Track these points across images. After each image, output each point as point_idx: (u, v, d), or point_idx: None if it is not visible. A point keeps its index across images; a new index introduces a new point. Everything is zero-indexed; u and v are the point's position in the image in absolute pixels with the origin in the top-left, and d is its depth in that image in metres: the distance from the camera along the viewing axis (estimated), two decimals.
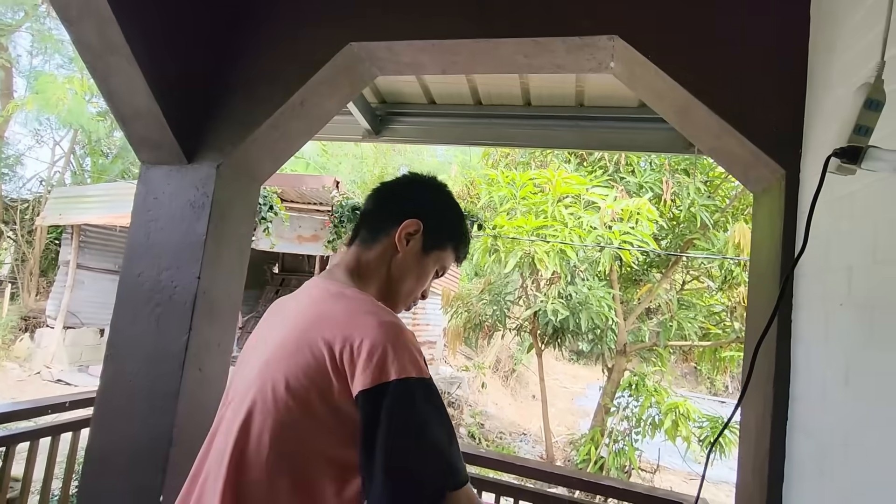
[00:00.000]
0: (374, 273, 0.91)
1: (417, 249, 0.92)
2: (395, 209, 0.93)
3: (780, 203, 1.22)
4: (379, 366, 0.70)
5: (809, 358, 1.10)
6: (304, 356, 0.74)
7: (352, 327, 0.74)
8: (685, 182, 4.88)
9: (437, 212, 0.95)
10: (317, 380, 0.73)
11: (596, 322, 5.19)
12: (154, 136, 1.61)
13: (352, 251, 0.94)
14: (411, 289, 0.94)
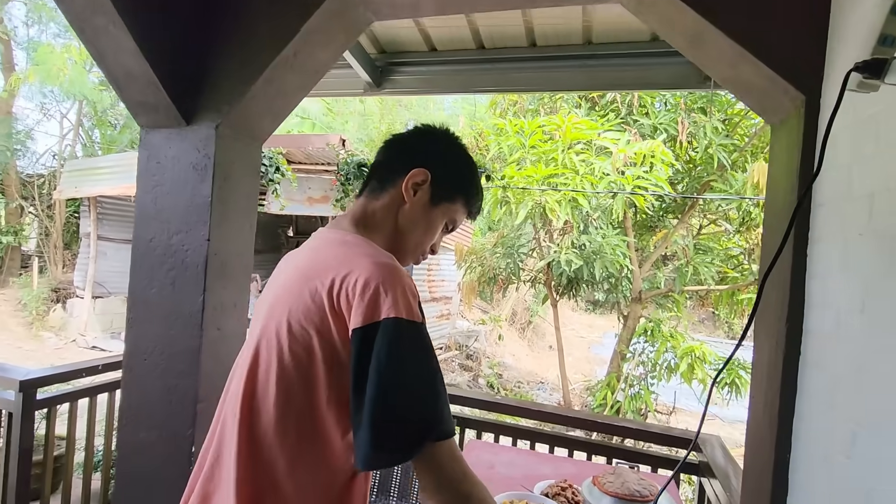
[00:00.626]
0: (380, 223, 0.89)
1: (425, 201, 0.90)
2: (404, 159, 0.91)
3: (799, 132, 1.16)
4: (371, 305, 0.70)
5: (825, 291, 1.08)
6: (303, 301, 0.75)
7: (347, 268, 0.74)
8: (702, 121, 4.68)
9: (447, 163, 0.93)
10: (317, 323, 0.74)
11: (610, 271, 5.16)
12: (150, 99, 1.58)
13: (359, 202, 0.93)
14: (419, 241, 0.93)
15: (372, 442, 0.68)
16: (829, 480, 1.01)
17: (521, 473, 1.77)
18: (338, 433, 0.76)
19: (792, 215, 0.74)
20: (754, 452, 1.30)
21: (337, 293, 0.73)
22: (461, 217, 0.97)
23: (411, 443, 0.69)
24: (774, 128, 1.39)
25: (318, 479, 0.76)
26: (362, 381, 0.69)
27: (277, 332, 0.76)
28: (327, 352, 0.74)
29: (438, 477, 0.71)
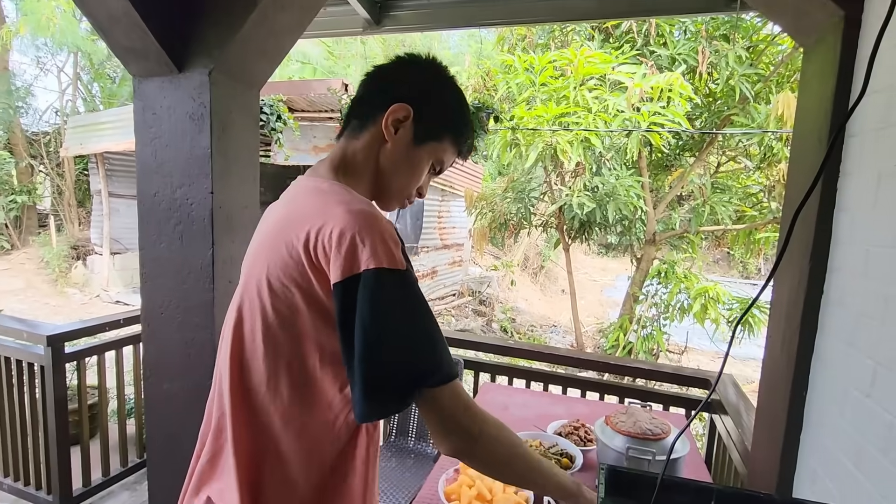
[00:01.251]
0: (361, 166, 0.82)
1: (408, 139, 0.81)
2: (384, 94, 0.81)
3: (835, 54, 1.06)
4: (348, 256, 0.66)
5: (853, 226, 1.03)
6: (281, 256, 0.71)
7: (322, 219, 0.69)
8: (724, 50, 4.38)
9: (432, 97, 0.83)
10: (297, 278, 0.70)
11: (624, 213, 5.06)
12: (137, 45, 1.50)
13: (339, 144, 0.85)
14: (404, 184, 0.85)
15: (364, 395, 0.66)
16: (846, 417, 1.00)
17: (534, 414, 1.81)
18: (335, 389, 0.74)
19: (830, 144, 0.68)
20: (770, 390, 1.29)
21: (314, 246, 0.68)
22: (450, 157, 0.87)
23: (403, 393, 0.68)
24: (807, 50, 1.28)
25: (317, 437, 0.75)
26: (349, 335, 0.67)
27: (259, 289, 0.73)
28: (313, 308, 0.71)
29: (443, 421, 0.70)
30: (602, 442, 1.27)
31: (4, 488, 2.35)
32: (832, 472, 1.03)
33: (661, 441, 1.22)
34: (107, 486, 2.46)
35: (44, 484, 2.26)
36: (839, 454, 1.01)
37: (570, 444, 1.43)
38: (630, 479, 0.71)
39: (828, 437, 1.06)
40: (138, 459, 2.63)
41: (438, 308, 9.01)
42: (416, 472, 2.01)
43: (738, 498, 0.68)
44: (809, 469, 1.12)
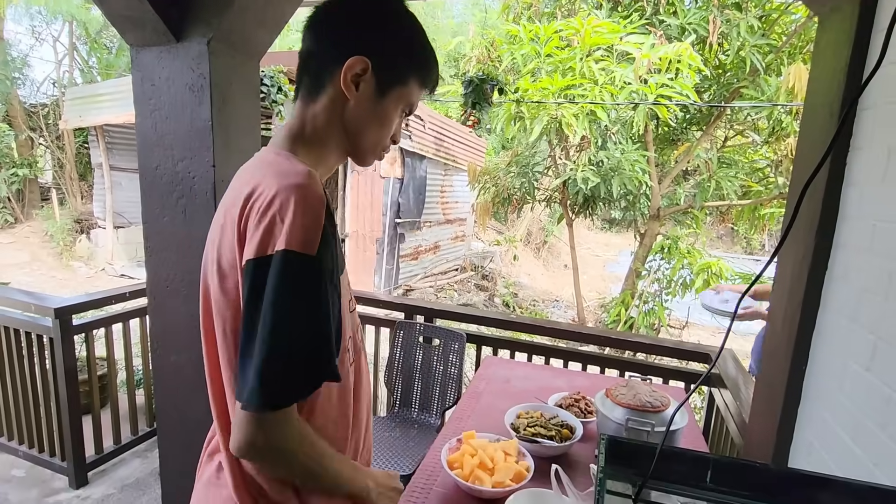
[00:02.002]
0: (325, 132, 0.76)
1: (371, 92, 0.75)
2: (337, 47, 0.73)
3: (852, 22, 1.02)
4: (265, 234, 0.63)
5: (861, 202, 1.01)
6: (227, 233, 0.69)
7: (257, 192, 0.66)
8: (736, 19, 4.25)
9: (389, 40, 0.75)
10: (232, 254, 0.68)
11: (629, 188, 5.01)
12: (134, 13, 1.47)
13: (297, 107, 0.78)
14: (376, 139, 0.79)
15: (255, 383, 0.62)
16: (845, 391, 1.01)
17: (535, 387, 1.84)
18: None
19: (842, 117, 0.66)
20: (769, 363, 1.31)
21: (245, 220, 0.66)
22: (418, 97, 0.81)
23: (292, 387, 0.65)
24: (822, 19, 1.24)
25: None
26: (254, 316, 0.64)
27: (209, 269, 0.72)
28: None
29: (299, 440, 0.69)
30: (602, 414, 1.29)
31: (20, 455, 2.42)
32: (828, 444, 1.05)
33: (660, 413, 1.24)
34: (119, 454, 2.53)
35: (58, 451, 2.33)
36: (836, 427, 1.02)
37: (570, 416, 1.46)
38: (629, 448, 0.72)
39: (826, 410, 1.08)
40: (148, 428, 2.70)
41: (441, 283, 9.06)
42: (419, 441, 2.06)
43: (734, 467, 0.69)
44: (806, 441, 1.14)
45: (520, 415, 1.48)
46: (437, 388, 2.28)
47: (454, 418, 1.58)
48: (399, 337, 2.39)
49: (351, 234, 7.36)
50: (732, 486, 0.68)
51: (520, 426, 1.40)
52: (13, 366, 2.31)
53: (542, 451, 1.31)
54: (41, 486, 2.30)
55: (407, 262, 8.44)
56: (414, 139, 7.60)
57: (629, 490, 0.69)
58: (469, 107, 4.43)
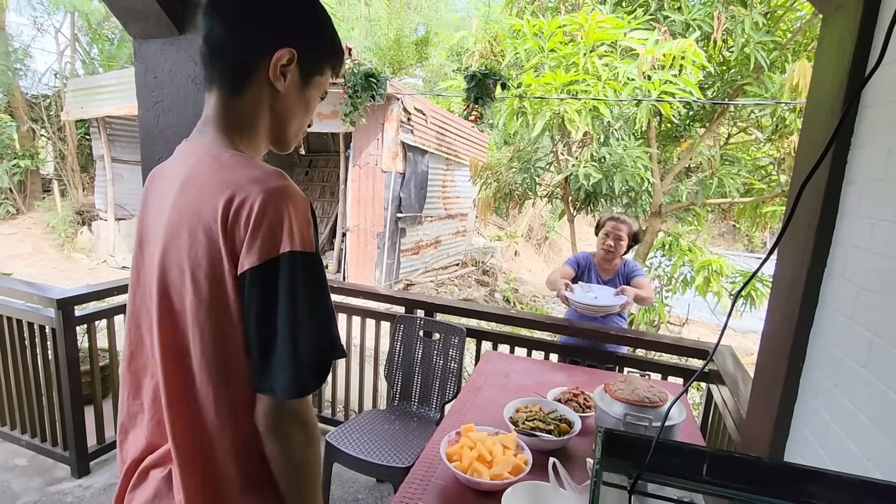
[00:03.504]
0: (255, 122, 0.76)
1: (297, 82, 0.76)
2: (260, 37, 0.73)
3: (855, 21, 1.02)
4: (267, 239, 0.65)
5: (861, 200, 1.02)
6: (200, 244, 0.68)
7: (240, 198, 0.66)
8: (741, 15, 4.22)
9: (309, 30, 0.76)
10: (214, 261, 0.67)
11: (631, 184, 4.99)
12: (137, 6, 1.47)
13: (216, 100, 0.75)
14: (300, 126, 0.82)
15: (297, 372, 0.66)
16: (841, 387, 1.02)
17: (535, 381, 1.85)
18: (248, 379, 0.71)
19: (842, 114, 0.67)
20: (767, 360, 1.31)
21: (232, 229, 0.66)
22: (328, 82, 0.83)
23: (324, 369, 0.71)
24: (826, 17, 1.23)
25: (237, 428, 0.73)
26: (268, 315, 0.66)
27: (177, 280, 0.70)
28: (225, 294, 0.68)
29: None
30: (601, 408, 1.30)
31: (23, 444, 2.44)
32: (824, 439, 1.06)
33: (658, 408, 1.25)
34: None
35: (60, 440, 2.35)
36: (832, 423, 1.03)
37: (569, 411, 1.47)
38: (626, 442, 0.73)
39: (822, 406, 1.08)
40: None
41: (442, 278, 9.07)
42: (418, 435, 2.07)
43: (730, 461, 0.70)
44: (802, 437, 1.15)
45: (519, 409, 1.49)
46: (436, 381, 2.29)
47: (453, 412, 1.59)
48: (399, 331, 2.40)
49: (352, 228, 7.36)
50: (728, 478, 0.69)
51: (519, 420, 1.41)
52: (16, 356, 2.33)
53: (540, 444, 1.32)
54: (43, 476, 2.32)
55: (408, 256, 8.45)
56: (416, 133, 7.58)
57: (625, 482, 0.70)
58: (471, 101, 4.42)
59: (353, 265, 7.50)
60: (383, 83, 5.42)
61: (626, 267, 2.65)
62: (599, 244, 2.61)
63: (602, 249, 2.58)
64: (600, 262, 2.64)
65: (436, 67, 13.19)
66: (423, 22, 13.29)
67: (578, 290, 2.08)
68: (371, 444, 1.96)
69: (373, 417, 2.20)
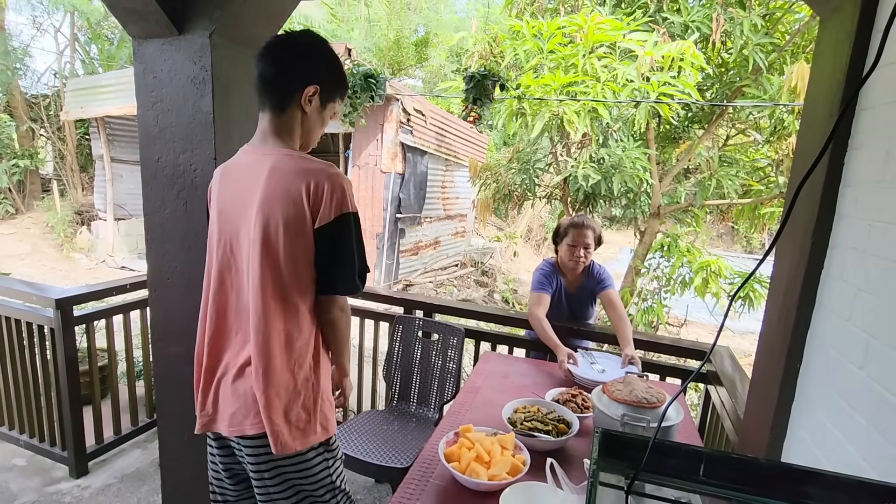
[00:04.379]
0: (293, 132, 1.18)
1: (317, 106, 1.18)
2: (295, 76, 1.14)
3: (853, 23, 1.03)
4: (337, 204, 1.09)
5: (858, 202, 1.02)
6: (287, 204, 1.08)
7: (312, 178, 1.08)
8: (739, 17, 4.23)
9: (327, 71, 1.18)
10: (300, 218, 1.08)
11: (629, 185, 4.99)
12: (136, 6, 1.47)
13: (270, 119, 1.17)
14: (318, 135, 1.24)
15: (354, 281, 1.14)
16: (838, 388, 1.02)
17: (533, 382, 1.85)
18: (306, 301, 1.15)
19: (838, 116, 0.67)
20: (764, 361, 1.32)
21: (312, 195, 1.08)
22: (339, 105, 1.26)
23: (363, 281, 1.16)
24: (824, 19, 1.24)
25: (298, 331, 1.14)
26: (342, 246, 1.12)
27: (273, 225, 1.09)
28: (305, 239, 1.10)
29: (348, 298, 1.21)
30: (599, 409, 1.30)
31: (21, 444, 2.44)
32: (821, 440, 1.06)
33: (656, 409, 1.26)
34: (119, 444, 2.55)
35: (58, 441, 2.35)
36: (829, 424, 1.04)
37: (567, 411, 1.47)
38: (623, 442, 0.74)
39: (819, 407, 1.09)
40: (148, 419, 2.71)
41: (441, 278, 9.07)
42: (417, 435, 2.07)
43: (727, 461, 0.70)
44: (799, 437, 1.15)
45: (517, 409, 1.49)
46: (435, 382, 2.29)
47: (452, 412, 1.60)
48: (398, 331, 2.40)
49: None
50: (725, 479, 0.69)
51: (517, 420, 1.41)
52: (14, 356, 2.32)
53: (538, 445, 1.32)
54: (42, 476, 2.32)
55: (407, 257, 8.44)
56: (415, 134, 7.59)
57: (622, 483, 0.70)
58: (470, 102, 4.42)
59: None
60: (383, 84, 5.42)
61: (592, 275, 2.37)
62: (566, 255, 2.29)
63: (571, 261, 2.28)
64: (565, 272, 2.37)
65: (435, 68, 13.20)
66: (422, 23, 13.30)
67: (582, 362, 1.85)
68: (369, 445, 1.96)
69: (371, 418, 2.20)
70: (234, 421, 1.14)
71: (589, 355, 1.87)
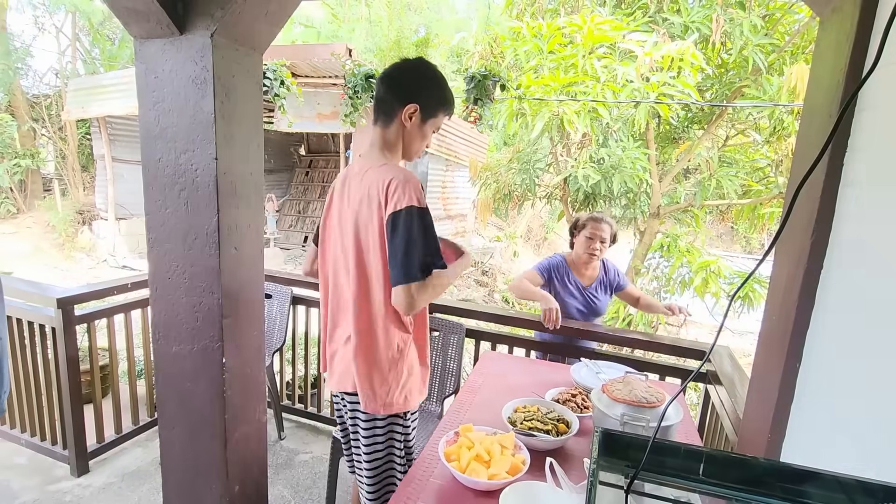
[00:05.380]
0: (395, 145, 1.41)
1: (418, 122, 1.38)
2: (399, 97, 1.36)
3: (852, 23, 1.03)
4: (399, 199, 1.26)
5: (858, 202, 1.02)
6: (371, 205, 1.31)
7: (388, 179, 1.29)
8: (739, 18, 4.23)
9: (428, 92, 1.38)
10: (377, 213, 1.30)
11: (629, 185, 5.00)
12: (137, 5, 1.47)
13: (378, 132, 1.41)
14: (419, 147, 1.44)
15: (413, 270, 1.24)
16: (837, 388, 1.03)
17: (533, 382, 1.86)
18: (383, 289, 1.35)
19: (838, 117, 0.67)
20: (764, 361, 1.32)
21: (384, 194, 1.28)
22: (443, 121, 1.44)
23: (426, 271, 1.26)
24: (823, 19, 1.24)
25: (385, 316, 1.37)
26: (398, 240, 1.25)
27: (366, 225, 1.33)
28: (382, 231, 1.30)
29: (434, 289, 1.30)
30: (598, 409, 1.31)
31: (22, 443, 2.45)
32: (821, 440, 1.06)
33: (655, 409, 1.26)
34: (120, 443, 2.56)
35: (59, 439, 2.36)
36: (829, 424, 1.04)
37: (567, 411, 1.47)
38: (623, 441, 0.74)
39: (819, 407, 1.09)
40: (149, 418, 2.72)
41: None
42: (420, 427, 2.08)
43: (727, 461, 0.71)
44: (799, 437, 1.16)
45: (517, 409, 1.49)
46: (435, 380, 2.30)
47: (452, 411, 1.60)
48: None
49: None
50: (724, 478, 0.69)
51: (517, 420, 1.42)
52: (16, 355, 2.33)
53: (538, 444, 1.32)
54: (43, 474, 2.33)
55: None
56: None
57: (622, 482, 0.70)
58: (471, 103, 4.42)
59: None
60: None
61: (608, 274, 2.47)
62: (581, 247, 2.39)
63: (586, 253, 2.37)
64: (578, 267, 2.45)
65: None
66: (423, 23, 13.29)
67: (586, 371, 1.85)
68: None
69: None
70: (341, 381, 1.45)
71: (594, 365, 1.88)
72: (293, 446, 2.73)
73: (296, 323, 2.91)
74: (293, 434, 2.86)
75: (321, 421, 2.95)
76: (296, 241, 10.18)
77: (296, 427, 2.94)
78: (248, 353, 1.80)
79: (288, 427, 2.92)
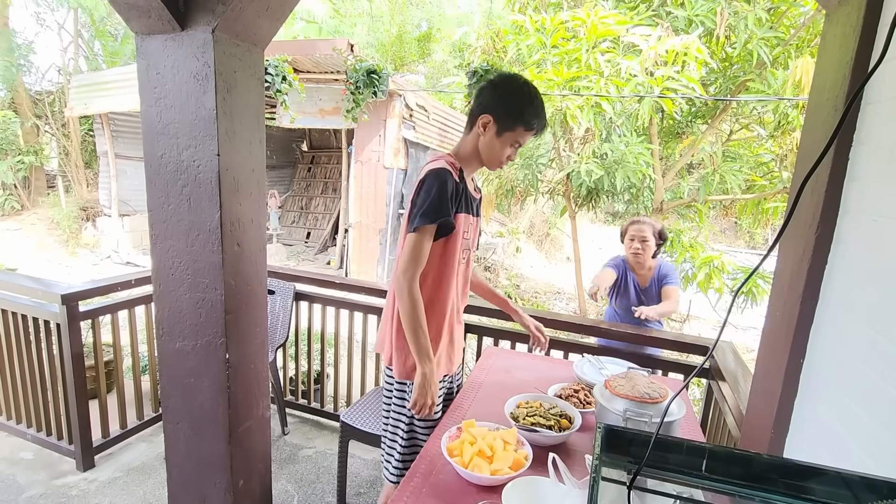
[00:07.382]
0: (473, 150, 1.52)
1: (493, 133, 1.46)
2: (477, 108, 1.48)
3: (859, 16, 1.02)
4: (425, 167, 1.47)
5: (863, 197, 1.02)
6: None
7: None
8: (744, 11, 4.20)
9: (504, 106, 1.43)
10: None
11: (632, 181, 4.98)
12: (139, 2, 1.47)
13: (462, 137, 1.55)
14: (494, 158, 1.50)
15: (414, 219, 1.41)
16: (841, 384, 1.02)
17: (535, 377, 1.86)
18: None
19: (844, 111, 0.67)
20: (767, 357, 1.32)
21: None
22: (525, 136, 1.47)
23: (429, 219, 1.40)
24: (830, 12, 1.23)
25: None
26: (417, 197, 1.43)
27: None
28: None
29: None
30: (601, 404, 1.31)
31: (28, 438, 2.47)
32: (824, 436, 1.06)
33: (658, 404, 1.26)
34: (125, 438, 2.58)
35: (65, 434, 2.38)
36: (832, 420, 1.04)
37: (569, 406, 1.47)
38: (626, 437, 0.74)
39: (822, 403, 1.09)
40: (154, 413, 2.74)
41: None
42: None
43: (730, 457, 0.71)
44: (801, 433, 1.15)
45: (519, 404, 1.49)
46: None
47: (454, 407, 1.60)
48: None
49: (354, 224, 7.37)
50: (727, 474, 0.69)
51: (519, 415, 1.42)
52: (21, 351, 2.34)
53: (540, 440, 1.32)
54: (49, 469, 2.35)
55: None
56: (418, 130, 7.57)
57: (624, 478, 0.70)
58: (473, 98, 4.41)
59: (355, 261, 7.51)
60: (385, 79, 5.41)
61: (659, 271, 2.69)
62: (627, 250, 2.67)
63: (631, 254, 2.65)
64: (634, 267, 2.72)
65: (438, 64, 13.15)
66: (425, 18, 13.24)
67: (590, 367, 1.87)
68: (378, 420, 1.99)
69: (378, 396, 2.21)
70: (378, 343, 1.65)
71: (597, 360, 1.88)
72: (297, 441, 2.75)
73: (298, 319, 2.92)
74: (297, 429, 2.87)
75: (324, 416, 2.96)
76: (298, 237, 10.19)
77: (299, 422, 2.95)
78: (251, 348, 1.80)
79: (291, 422, 2.93)
